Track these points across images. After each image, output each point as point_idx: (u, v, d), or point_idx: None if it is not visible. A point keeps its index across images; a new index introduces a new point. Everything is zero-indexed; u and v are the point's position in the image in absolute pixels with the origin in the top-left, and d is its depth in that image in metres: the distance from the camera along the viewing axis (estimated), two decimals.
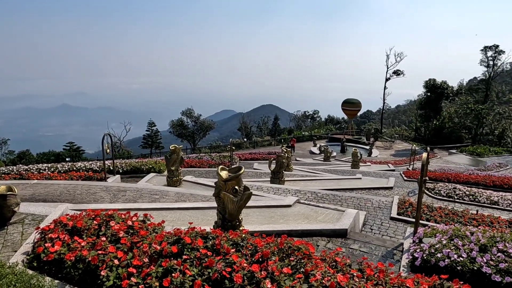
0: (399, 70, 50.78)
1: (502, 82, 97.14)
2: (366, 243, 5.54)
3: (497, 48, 46.76)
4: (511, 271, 4.01)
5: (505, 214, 9.69)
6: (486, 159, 29.97)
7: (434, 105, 45.27)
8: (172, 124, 45.77)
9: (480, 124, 45.27)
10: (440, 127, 46.29)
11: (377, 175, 15.84)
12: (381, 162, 25.34)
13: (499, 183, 14.51)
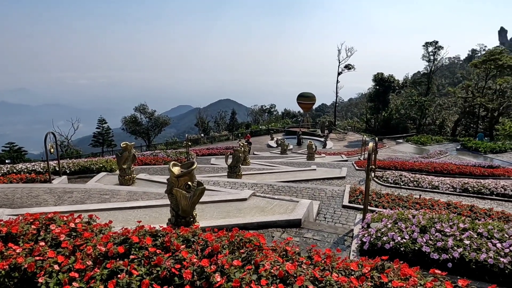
0: (350, 64, 52.98)
1: (442, 76, 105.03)
2: (319, 231, 5.74)
3: (436, 44, 50.44)
4: (446, 248, 4.37)
5: (444, 197, 10.52)
6: (429, 147, 32.32)
7: (382, 97, 47.87)
8: (124, 120, 43.94)
9: (423, 115, 48.67)
10: (388, 119, 49.09)
11: (331, 166, 16.43)
12: (335, 153, 26.32)
13: (440, 169, 15.72)
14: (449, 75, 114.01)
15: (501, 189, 11.15)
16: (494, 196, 11.01)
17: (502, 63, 42.26)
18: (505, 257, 4.18)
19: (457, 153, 29.07)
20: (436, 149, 30.41)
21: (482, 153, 27.75)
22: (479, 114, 45.79)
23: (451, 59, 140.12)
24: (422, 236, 4.60)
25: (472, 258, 4.20)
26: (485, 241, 4.44)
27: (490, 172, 15.71)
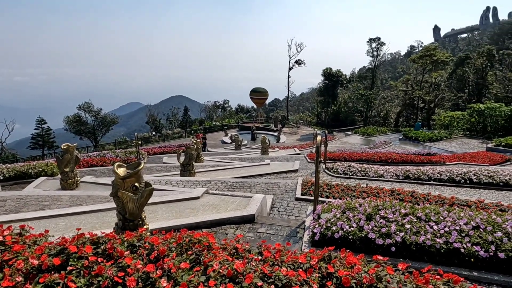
0: (300, 59, 54.28)
1: (385, 70, 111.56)
2: (273, 225, 5.80)
3: (379, 40, 53.37)
4: (390, 234, 4.63)
5: (389, 184, 11.20)
6: (375, 138, 34.23)
7: (331, 91, 49.76)
8: (67, 120, 41.04)
9: (369, 107, 51.39)
10: (338, 112, 51.18)
11: (284, 160, 16.74)
12: (288, 147, 26.87)
13: (384, 159, 16.69)
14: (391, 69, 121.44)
15: (437, 174, 12.12)
16: (432, 181, 11.93)
17: (437, 58, 45.90)
18: (441, 237, 4.52)
19: (400, 142, 31.10)
20: (381, 139, 32.30)
21: (422, 142, 29.99)
22: (418, 105, 49.39)
23: (392, 54, 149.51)
24: (368, 223, 4.83)
25: (412, 241, 4.49)
26: (423, 224, 4.77)
27: (428, 159, 17.02)
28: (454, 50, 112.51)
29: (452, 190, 11.10)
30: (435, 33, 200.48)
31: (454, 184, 11.73)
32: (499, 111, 31.75)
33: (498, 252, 4.30)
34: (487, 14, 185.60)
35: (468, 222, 4.76)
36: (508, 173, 12.24)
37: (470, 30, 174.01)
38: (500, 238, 4.43)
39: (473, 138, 31.35)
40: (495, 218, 4.84)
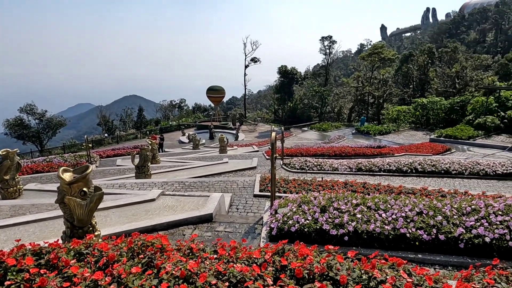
0: (256, 57, 54.60)
1: (338, 68, 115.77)
2: (231, 223, 5.80)
3: (331, 39, 55.17)
4: (343, 224, 4.83)
5: (343, 177, 11.65)
6: (330, 133, 35.42)
7: (287, 89, 50.71)
8: (8, 124, 37.80)
9: (323, 104, 53.05)
10: (294, 108, 52.26)
11: (243, 157, 16.79)
12: (247, 145, 26.98)
13: (339, 152, 17.35)
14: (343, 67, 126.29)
15: (387, 165, 12.84)
16: (382, 172, 12.61)
17: (384, 56, 48.49)
18: (389, 224, 4.81)
19: (353, 136, 32.48)
20: (335, 134, 33.53)
21: (373, 136, 31.57)
22: (368, 101, 51.88)
23: (344, 52, 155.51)
24: (322, 215, 5.01)
25: (363, 229, 4.73)
26: (373, 213, 5.04)
27: (378, 152, 17.96)
28: (400, 48, 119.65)
29: (400, 180, 11.82)
30: (382, 32, 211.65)
31: (402, 174, 12.49)
32: (439, 104, 34.31)
33: (439, 234, 4.66)
34: (428, 14, 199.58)
35: (412, 209, 5.10)
36: (448, 161, 13.28)
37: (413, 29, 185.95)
38: (440, 221, 4.81)
39: (418, 130, 33.57)
40: (436, 203, 5.23)
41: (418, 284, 2.22)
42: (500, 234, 4.51)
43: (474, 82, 43.02)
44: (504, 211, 4.93)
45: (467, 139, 24.20)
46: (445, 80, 46.33)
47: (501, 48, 75.18)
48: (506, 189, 10.75)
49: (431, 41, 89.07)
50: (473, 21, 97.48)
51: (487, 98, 29.19)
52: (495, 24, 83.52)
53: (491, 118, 27.05)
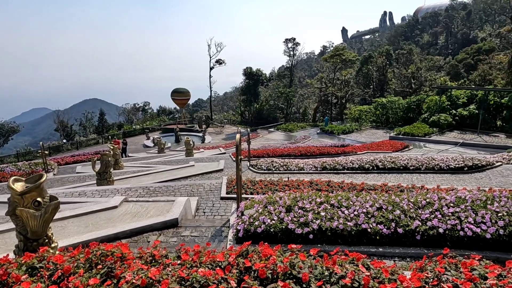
0: (221, 59, 54.45)
1: (302, 69, 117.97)
2: (197, 227, 5.73)
3: (294, 41, 56.23)
4: (308, 222, 4.93)
5: (308, 176, 11.89)
6: (296, 133, 36.06)
7: (253, 90, 50.99)
8: None
9: (289, 104, 53.91)
10: (260, 110, 52.65)
11: (209, 160, 16.66)
12: (214, 147, 26.81)
13: (304, 152, 17.69)
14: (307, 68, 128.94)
15: (350, 163, 13.27)
16: (346, 170, 13.02)
17: (345, 57, 50.18)
18: (351, 221, 4.97)
19: (318, 136, 33.29)
20: (301, 134, 34.20)
21: (336, 135, 32.55)
22: (332, 101, 53.42)
23: (308, 54, 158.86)
24: (288, 215, 5.08)
25: (327, 227, 4.86)
26: (336, 211, 5.19)
27: (342, 150, 18.55)
28: (360, 50, 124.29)
29: (363, 177, 12.26)
30: (343, 35, 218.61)
31: (364, 171, 12.97)
32: (398, 104, 36.04)
33: (398, 228, 4.89)
34: (385, 18, 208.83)
35: (373, 204, 5.31)
36: (406, 158, 13.97)
37: (372, 32, 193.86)
38: (399, 215, 5.05)
39: (379, 129, 35.04)
40: (394, 198, 5.49)
41: (376, 277, 2.32)
42: (452, 225, 4.81)
43: (428, 82, 45.61)
44: (455, 203, 5.27)
45: (423, 136, 25.61)
46: (402, 80, 48.73)
47: (451, 50, 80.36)
48: (458, 182, 11.49)
49: (389, 43, 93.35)
50: (426, 25, 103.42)
51: (440, 97, 31.05)
52: (446, 27, 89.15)
53: (444, 116, 28.80)
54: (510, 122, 26.55)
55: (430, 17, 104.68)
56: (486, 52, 56.12)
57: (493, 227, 4.69)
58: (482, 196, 5.44)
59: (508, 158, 14.86)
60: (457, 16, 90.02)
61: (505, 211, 4.93)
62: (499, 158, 14.87)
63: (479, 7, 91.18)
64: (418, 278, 2.30)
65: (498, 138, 25.19)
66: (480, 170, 13.00)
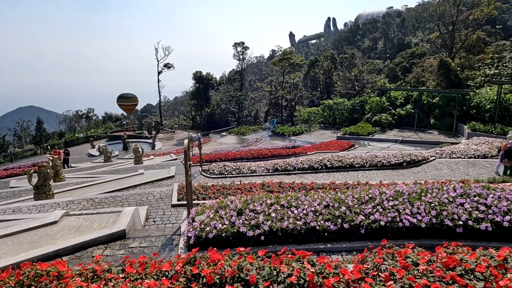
0: (169, 63, 53.14)
1: (252, 73, 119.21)
2: (147, 237, 5.53)
3: (243, 45, 56.75)
4: (259, 224, 4.99)
5: (261, 178, 12.05)
6: (248, 137, 36.32)
7: (203, 94, 50.59)
8: None
9: (240, 108, 54.22)
10: (212, 114, 52.29)
11: (160, 167, 16.18)
12: (165, 153, 26.07)
13: (257, 155, 17.89)
14: (257, 72, 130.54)
15: (300, 164, 13.67)
16: (296, 171, 13.39)
17: (293, 61, 51.70)
18: (300, 220, 5.12)
19: (270, 138, 33.84)
20: (253, 137, 34.53)
21: (287, 137, 33.35)
22: (282, 104, 54.63)
23: (257, 58, 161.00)
24: (239, 218, 5.10)
25: (278, 227, 4.95)
26: (286, 211, 5.31)
27: (293, 151, 19.03)
28: (307, 54, 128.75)
29: (313, 176, 12.69)
30: (291, 39, 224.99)
31: (314, 170, 13.44)
32: (343, 105, 37.89)
33: (344, 223, 5.13)
34: (329, 23, 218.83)
35: (320, 203, 5.51)
36: (352, 156, 14.72)
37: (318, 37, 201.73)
38: (344, 212, 5.29)
39: (327, 129, 36.53)
40: (340, 195, 5.75)
41: (320, 272, 2.41)
42: (392, 217, 5.15)
43: (370, 84, 48.56)
44: (394, 196, 5.66)
45: (367, 135, 27.18)
46: (347, 83, 51.35)
47: (389, 54, 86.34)
48: (399, 177, 12.35)
49: (333, 47, 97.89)
50: (366, 30, 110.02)
51: (381, 98, 33.20)
52: (384, 33, 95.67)
53: (385, 115, 30.83)
54: (441, 120, 29.14)
55: (370, 23, 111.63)
56: (419, 56, 61.14)
57: (427, 217, 5.11)
58: (417, 189, 5.91)
59: (440, 153, 16.30)
60: (393, 23, 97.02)
61: (437, 201, 5.39)
62: (433, 153, 16.25)
63: (412, 15, 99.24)
64: (359, 270, 2.43)
65: (432, 134, 27.52)
66: (417, 165, 14.10)
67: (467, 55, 45.77)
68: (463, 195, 5.53)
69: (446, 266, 2.43)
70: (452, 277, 2.29)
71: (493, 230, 4.95)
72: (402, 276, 2.35)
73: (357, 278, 2.32)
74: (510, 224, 4.91)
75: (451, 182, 6.44)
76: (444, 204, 5.32)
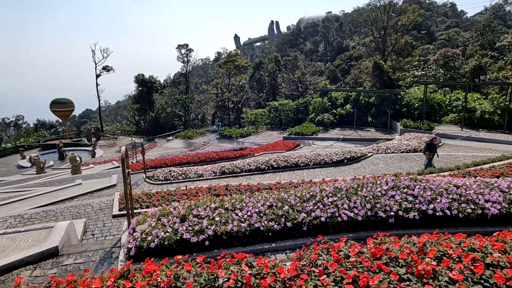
0: (108, 66, 50.45)
1: (198, 75, 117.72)
2: (83, 253, 5.18)
3: (187, 47, 55.77)
4: (203, 229, 4.92)
5: (208, 182, 11.91)
6: (195, 140, 35.72)
7: (147, 98, 48.82)
8: None
9: (187, 111, 53.21)
10: (156, 118, 50.62)
11: (101, 176, 15.27)
12: (106, 161, 24.67)
13: (204, 158, 17.66)
14: (203, 74, 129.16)
15: (247, 166, 13.77)
16: (244, 172, 13.46)
17: (238, 64, 51.99)
18: (245, 222, 5.14)
19: (218, 141, 33.63)
20: (201, 140, 34.05)
21: (235, 139, 33.43)
22: (229, 106, 54.67)
23: (203, 60, 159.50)
24: (182, 225, 4.98)
25: (222, 231, 4.92)
26: (230, 214, 5.30)
27: (240, 153, 19.12)
28: (253, 56, 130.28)
29: (260, 177, 12.86)
30: (236, 41, 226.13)
31: (261, 171, 13.62)
32: (288, 106, 38.99)
33: (287, 222, 5.26)
34: (273, 26, 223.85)
35: (264, 203, 5.60)
36: (297, 156, 15.19)
37: (262, 40, 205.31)
38: (287, 211, 5.43)
39: (274, 130, 37.28)
40: (283, 195, 5.89)
41: (258, 274, 2.44)
42: (331, 213, 5.40)
43: (313, 85, 50.60)
44: (333, 192, 5.93)
45: (312, 135, 28.26)
46: (291, 84, 52.96)
47: (330, 57, 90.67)
48: (340, 173, 13.00)
49: (277, 50, 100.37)
50: (308, 34, 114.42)
51: (323, 99, 34.75)
52: (324, 37, 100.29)
53: (327, 115, 32.30)
54: (378, 118, 31.27)
55: (311, 27, 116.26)
56: (356, 58, 65.10)
57: (363, 210, 5.43)
58: (354, 184, 6.26)
59: (377, 149, 17.48)
60: (332, 27, 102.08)
61: (371, 195, 5.76)
62: (370, 150, 17.38)
63: (349, 20, 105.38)
64: (295, 267, 2.51)
65: (369, 132, 29.41)
66: (357, 161, 14.97)
67: (397, 57, 49.79)
68: (394, 187, 5.97)
69: (373, 256, 2.60)
70: (378, 266, 2.46)
71: (420, 218, 5.41)
72: (335, 270, 2.47)
73: (293, 275, 2.39)
74: (433, 211, 5.41)
75: (385, 176, 6.93)
76: (377, 197, 5.70)
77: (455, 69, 40.24)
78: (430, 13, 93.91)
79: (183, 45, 54.92)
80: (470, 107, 25.94)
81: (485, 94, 32.81)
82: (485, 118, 24.53)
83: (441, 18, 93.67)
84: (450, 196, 5.66)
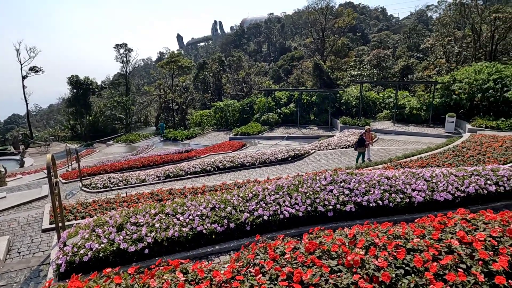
0: (36, 66, 46.19)
1: (140, 76, 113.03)
2: (5, 274, 4.66)
3: (126, 46, 53.18)
4: (142, 237, 4.70)
5: (151, 187, 11.47)
6: (138, 144, 34.20)
7: (83, 101, 45.69)
8: None
9: (128, 114, 50.76)
10: (94, 122, 47.58)
11: (30, 187, 13.94)
12: (37, 171, 22.55)
13: (147, 163, 16.95)
14: (145, 75, 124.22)
15: (192, 168, 13.51)
16: (189, 175, 13.18)
17: (181, 64, 50.81)
18: (187, 226, 5.02)
19: (162, 144, 32.53)
20: (144, 144, 32.66)
21: (181, 141, 32.62)
22: (173, 107, 53.24)
23: (145, 60, 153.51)
24: (119, 234, 4.71)
25: (163, 237, 4.74)
26: (171, 219, 5.13)
27: (185, 156, 18.70)
28: (197, 56, 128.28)
29: (205, 179, 12.69)
30: (179, 41, 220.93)
31: (207, 173, 13.45)
32: (234, 106, 39.03)
33: (230, 223, 5.23)
34: (216, 26, 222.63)
35: (206, 206, 5.51)
36: (243, 155, 15.26)
37: (206, 40, 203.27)
38: (230, 211, 5.40)
39: (220, 131, 37.07)
40: (226, 196, 5.85)
41: (193, 279, 2.37)
42: (273, 211, 5.48)
43: (257, 85, 51.24)
44: (276, 190, 6.04)
45: (257, 134, 28.60)
46: (235, 84, 53.10)
47: (273, 57, 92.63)
48: (285, 171, 13.31)
49: (221, 50, 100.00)
50: (251, 34, 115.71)
51: (267, 98, 35.35)
52: (267, 37, 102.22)
53: (272, 114, 32.93)
54: (319, 116, 32.63)
55: (254, 27, 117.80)
56: (298, 59, 67.37)
57: (303, 206, 5.60)
58: (295, 181, 6.43)
59: (319, 146, 18.21)
60: (274, 28, 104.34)
61: (311, 191, 5.97)
62: (313, 147, 18.05)
63: (290, 21, 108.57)
64: (231, 269, 2.48)
65: (312, 130, 30.57)
66: (301, 158, 15.45)
67: (335, 58, 52.43)
68: (332, 182, 6.25)
69: (308, 251, 2.67)
70: (312, 260, 2.53)
71: (356, 210, 5.72)
72: (271, 268, 2.49)
73: (229, 278, 2.36)
74: (368, 203, 5.75)
75: (326, 171, 7.22)
76: (317, 193, 5.92)
77: (387, 69, 43.49)
78: (364, 16, 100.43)
79: (122, 44, 52.31)
80: (400, 104, 28.20)
81: (413, 92, 35.98)
82: (413, 114, 26.84)
83: (374, 22, 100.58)
84: (382, 187, 6.06)
